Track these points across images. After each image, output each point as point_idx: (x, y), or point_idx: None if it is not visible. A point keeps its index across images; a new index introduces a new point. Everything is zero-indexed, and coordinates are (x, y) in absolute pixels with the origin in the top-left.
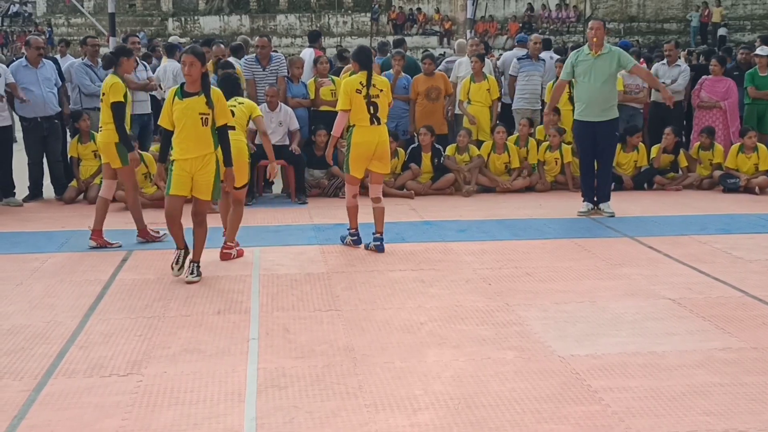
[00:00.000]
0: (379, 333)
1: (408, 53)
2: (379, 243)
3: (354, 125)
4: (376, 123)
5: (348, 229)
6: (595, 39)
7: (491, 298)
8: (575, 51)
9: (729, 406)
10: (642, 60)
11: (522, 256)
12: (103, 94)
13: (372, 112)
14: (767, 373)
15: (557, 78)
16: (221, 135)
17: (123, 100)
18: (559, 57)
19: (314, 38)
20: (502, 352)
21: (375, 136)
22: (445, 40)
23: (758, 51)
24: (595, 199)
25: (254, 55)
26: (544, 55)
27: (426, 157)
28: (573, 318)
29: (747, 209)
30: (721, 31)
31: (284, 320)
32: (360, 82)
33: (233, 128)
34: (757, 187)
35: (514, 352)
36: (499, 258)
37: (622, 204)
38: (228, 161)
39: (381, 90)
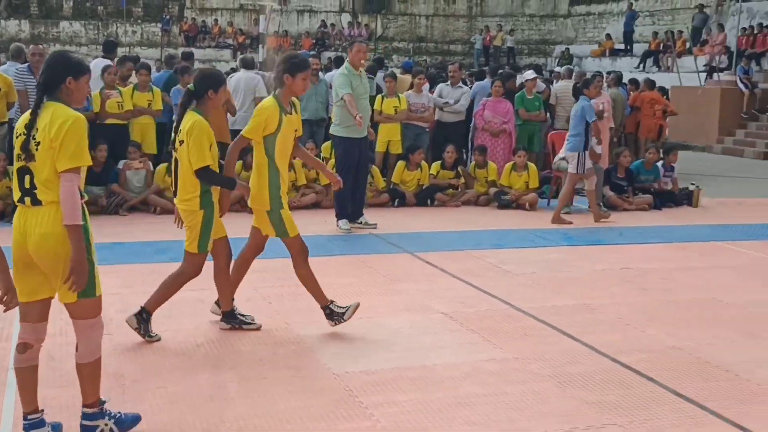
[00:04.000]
0: (152, 357)
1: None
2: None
3: None
4: (29, 203)
5: None
6: (363, 61)
7: (271, 317)
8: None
9: (490, 416)
10: (426, 79)
11: None
12: None
13: (26, 185)
14: (526, 382)
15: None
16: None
17: None
18: (389, 73)
19: (110, 49)
20: (277, 371)
21: (25, 225)
22: (239, 53)
23: (526, 75)
24: (351, 213)
25: (27, 64)
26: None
27: None
28: (350, 335)
29: (518, 225)
30: (509, 43)
31: (49, 347)
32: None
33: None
34: (527, 204)
35: (289, 371)
36: (282, 276)
37: (404, 220)
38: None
39: (39, 143)
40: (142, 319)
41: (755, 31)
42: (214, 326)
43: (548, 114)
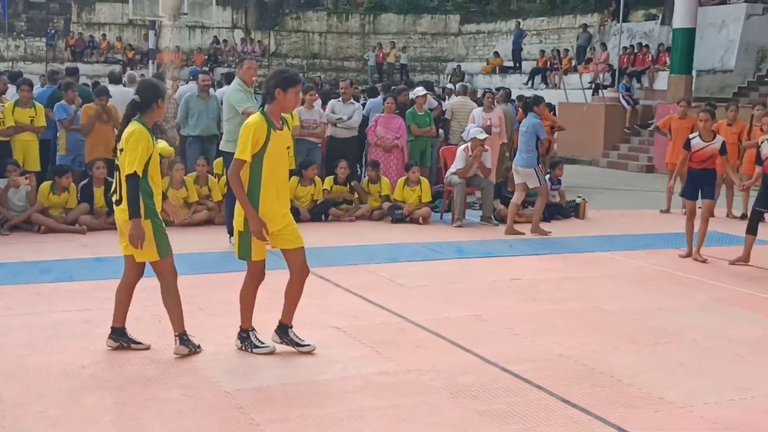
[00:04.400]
0: (34, 380)
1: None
2: None
3: None
4: None
5: None
6: (253, 78)
7: (161, 336)
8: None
9: (382, 429)
10: (317, 95)
11: (197, 290)
12: None
13: None
14: (418, 394)
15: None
16: None
17: None
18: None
19: None
20: (167, 391)
21: None
22: (128, 68)
23: (416, 92)
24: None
25: None
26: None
27: (99, 192)
28: (242, 352)
29: (411, 238)
30: (402, 60)
31: None
32: None
33: None
34: (420, 218)
35: (180, 390)
36: None
37: None
38: None
39: None
40: (183, 340)
41: (635, 50)
42: (101, 347)
43: (440, 130)
